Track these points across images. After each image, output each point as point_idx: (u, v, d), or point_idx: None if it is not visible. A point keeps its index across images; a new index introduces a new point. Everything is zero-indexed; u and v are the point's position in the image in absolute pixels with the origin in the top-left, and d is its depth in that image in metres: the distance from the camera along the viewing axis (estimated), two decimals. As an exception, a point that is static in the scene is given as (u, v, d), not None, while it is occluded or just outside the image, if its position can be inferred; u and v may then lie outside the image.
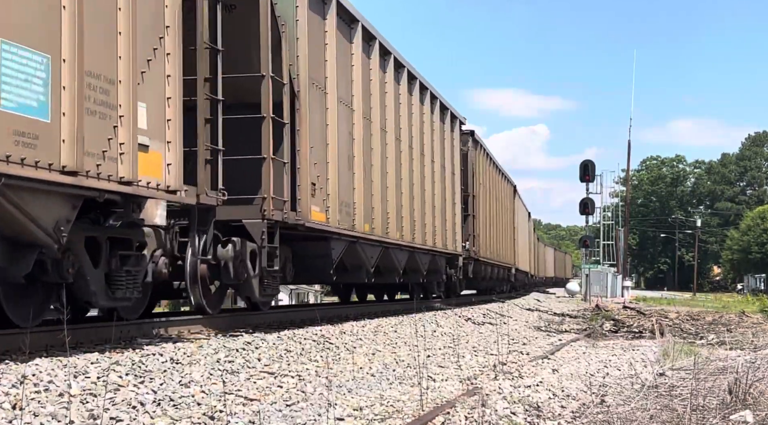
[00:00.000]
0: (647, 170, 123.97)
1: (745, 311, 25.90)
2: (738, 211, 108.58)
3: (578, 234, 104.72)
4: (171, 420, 5.42)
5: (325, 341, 10.32)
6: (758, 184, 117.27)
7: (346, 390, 7.14)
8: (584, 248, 46.08)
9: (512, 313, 22.65)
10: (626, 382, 8.47)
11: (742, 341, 14.27)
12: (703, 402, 6.66)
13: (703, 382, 7.64)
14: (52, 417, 5.04)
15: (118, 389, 6.05)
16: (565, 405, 7.04)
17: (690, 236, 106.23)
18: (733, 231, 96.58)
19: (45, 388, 5.72)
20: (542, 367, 9.41)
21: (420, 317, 14.99)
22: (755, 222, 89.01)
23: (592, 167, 42.94)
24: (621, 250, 54.79)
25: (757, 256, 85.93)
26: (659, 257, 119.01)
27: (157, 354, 7.59)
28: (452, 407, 6.40)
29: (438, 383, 7.87)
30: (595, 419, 6.28)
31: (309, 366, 8.29)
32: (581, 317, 23.18)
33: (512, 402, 6.87)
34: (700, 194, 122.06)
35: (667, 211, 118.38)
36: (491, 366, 9.30)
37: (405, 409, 6.36)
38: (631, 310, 26.74)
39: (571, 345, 13.37)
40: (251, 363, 8.08)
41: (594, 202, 43.81)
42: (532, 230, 50.54)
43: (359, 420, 5.90)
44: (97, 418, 5.13)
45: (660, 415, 6.26)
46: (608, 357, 11.22)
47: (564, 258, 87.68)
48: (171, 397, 6.04)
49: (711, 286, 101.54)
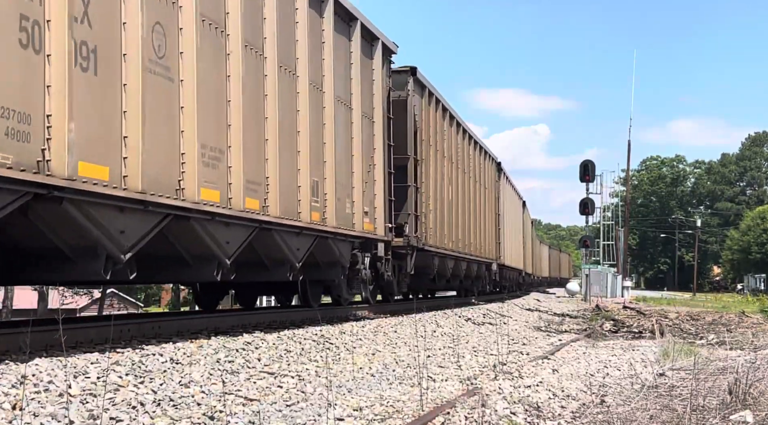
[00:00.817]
0: (647, 170, 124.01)
1: (745, 311, 25.89)
2: (738, 211, 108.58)
3: (578, 235, 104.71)
4: (171, 420, 5.42)
5: (325, 341, 10.33)
6: (758, 184, 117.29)
7: (345, 390, 7.14)
8: (584, 248, 46.07)
9: (512, 313, 22.65)
10: (626, 382, 8.47)
11: (742, 341, 14.26)
12: (703, 402, 6.66)
13: (703, 382, 7.64)
14: (52, 417, 5.04)
15: (118, 389, 6.05)
16: (565, 405, 7.04)
17: (690, 236, 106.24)
18: (733, 231, 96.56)
19: (45, 388, 5.72)
20: (542, 367, 9.41)
21: (420, 317, 14.99)
22: (755, 222, 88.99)
23: (592, 167, 42.95)
24: (621, 250, 54.83)
25: (757, 256, 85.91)
26: (659, 257, 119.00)
27: (156, 354, 7.59)
28: (452, 407, 6.40)
29: (438, 383, 7.87)
30: (595, 419, 6.28)
31: (309, 366, 8.29)
32: (581, 317, 23.18)
33: (512, 402, 6.87)
34: (700, 194, 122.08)
35: (667, 211, 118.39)
36: (491, 367, 9.30)
37: (405, 409, 6.36)
38: (631, 310, 26.75)
39: (571, 345, 13.37)
40: (251, 363, 8.08)
41: (594, 202, 43.85)
42: (529, 223, 49.33)
43: (359, 420, 5.90)
44: (96, 418, 5.13)
45: (660, 415, 6.26)
46: (608, 358, 11.22)
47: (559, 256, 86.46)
48: (171, 397, 6.04)
49: (711, 286, 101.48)
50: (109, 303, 60.80)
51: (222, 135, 9.54)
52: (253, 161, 10.26)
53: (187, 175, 8.80)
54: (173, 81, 8.60)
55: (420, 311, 15.93)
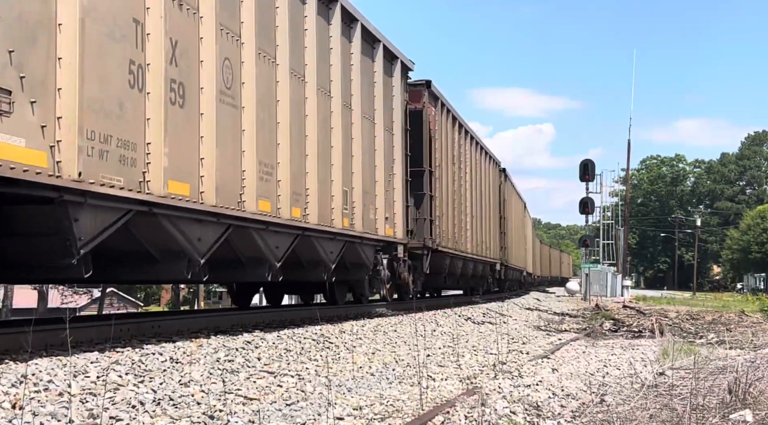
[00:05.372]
0: (647, 169, 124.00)
1: (744, 310, 25.91)
2: (738, 210, 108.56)
3: (578, 234, 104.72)
4: (171, 419, 5.42)
5: (325, 340, 10.32)
6: (758, 183, 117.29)
7: (345, 390, 7.14)
8: (584, 248, 46.08)
9: (512, 312, 22.64)
10: (626, 381, 8.47)
11: (742, 340, 14.27)
12: (703, 402, 6.66)
13: (702, 381, 7.64)
14: (51, 416, 5.04)
15: (118, 388, 6.05)
16: (565, 404, 7.04)
17: (690, 235, 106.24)
18: (732, 230, 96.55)
19: (45, 388, 5.72)
20: (542, 366, 9.41)
21: (420, 316, 14.99)
22: (755, 221, 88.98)
23: (591, 166, 42.95)
24: (621, 250, 54.80)
25: (757, 256, 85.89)
26: (659, 256, 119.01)
27: (156, 354, 7.58)
28: (452, 406, 6.40)
29: (438, 382, 7.87)
30: (595, 418, 6.28)
31: (309, 366, 8.29)
32: (581, 316, 23.17)
33: (512, 401, 6.87)
34: (699, 193, 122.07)
35: (667, 211, 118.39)
36: (491, 366, 9.30)
37: (405, 409, 6.36)
38: (630, 310, 26.75)
39: (571, 344, 13.36)
40: (251, 363, 8.08)
41: (594, 202, 43.88)
42: (530, 224, 49.44)
43: (359, 419, 5.90)
44: (96, 417, 5.13)
45: (660, 414, 6.25)
46: (608, 357, 11.22)
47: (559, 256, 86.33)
48: (171, 396, 6.04)
49: (711, 286, 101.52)
50: (109, 303, 60.82)
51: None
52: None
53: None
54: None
55: (420, 310, 15.95)
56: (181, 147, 8.67)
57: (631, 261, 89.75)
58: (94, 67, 7.27)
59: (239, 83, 10.02)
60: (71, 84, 7.00)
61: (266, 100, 10.73)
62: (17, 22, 6.47)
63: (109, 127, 7.45)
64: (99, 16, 7.40)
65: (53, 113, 6.84)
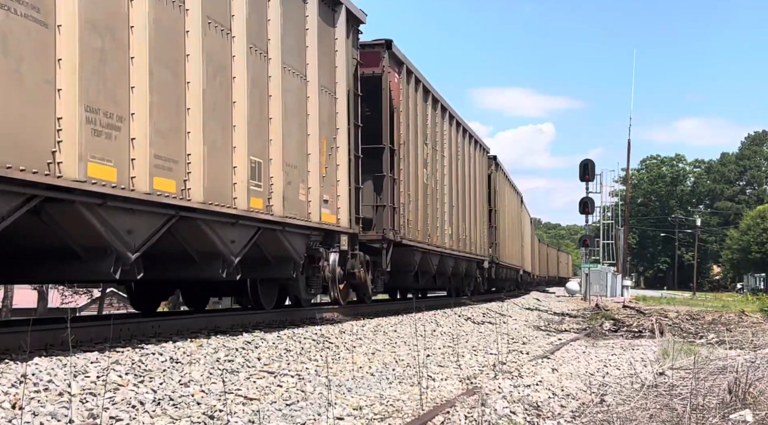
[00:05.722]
0: (647, 169, 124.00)
1: (744, 310, 25.91)
2: (738, 210, 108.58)
3: (578, 234, 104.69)
4: (171, 419, 5.42)
5: (325, 340, 10.32)
6: (758, 183, 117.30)
7: (345, 390, 7.14)
8: (584, 247, 46.08)
9: (512, 312, 22.64)
10: (626, 381, 8.47)
11: (742, 340, 14.26)
12: (703, 402, 6.66)
13: (702, 381, 7.64)
14: (51, 416, 5.04)
15: (118, 388, 6.05)
16: (565, 404, 7.04)
17: (690, 235, 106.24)
18: (732, 230, 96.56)
19: (45, 387, 5.72)
20: (542, 367, 9.41)
21: (420, 316, 14.99)
22: (755, 221, 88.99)
23: (591, 166, 42.94)
24: (621, 250, 54.81)
25: (757, 256, 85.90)
26: (659, 256, 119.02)
27: (156, 354, 7.58)
28: (452, 406, 6.40)
29: (438, 382, 7.87)
30: (595, 418, 6.28)
31: (309, 366, 8.29)
32: (581, 316, 23.18)
33: (512, 401, 6.87)
34: (699, 193, 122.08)
35: (667, 211, 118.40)
36: (491, 366, 9.30)
37: (405, 409, 6.36)
38: (630, 310, 26.76)
39: (571, 344, 13.36)
40: (251, 363, 8.08)
41: (594, 202, 43.86)
42: (528, 220, 49.22)
43: (359, 419, 5.90)
44: (96, 417, 5.12)
45: (660, 414, 6.25)
46: (608, 357, 11.22)
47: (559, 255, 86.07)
48: (171, 396, 6.04)
49: (711, 286, 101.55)
50: (109, 303, 60.81)
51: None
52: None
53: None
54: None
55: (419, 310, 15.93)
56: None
57: (631, 261, 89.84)
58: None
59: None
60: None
61: (107, 20, 7.42)
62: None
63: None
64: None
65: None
